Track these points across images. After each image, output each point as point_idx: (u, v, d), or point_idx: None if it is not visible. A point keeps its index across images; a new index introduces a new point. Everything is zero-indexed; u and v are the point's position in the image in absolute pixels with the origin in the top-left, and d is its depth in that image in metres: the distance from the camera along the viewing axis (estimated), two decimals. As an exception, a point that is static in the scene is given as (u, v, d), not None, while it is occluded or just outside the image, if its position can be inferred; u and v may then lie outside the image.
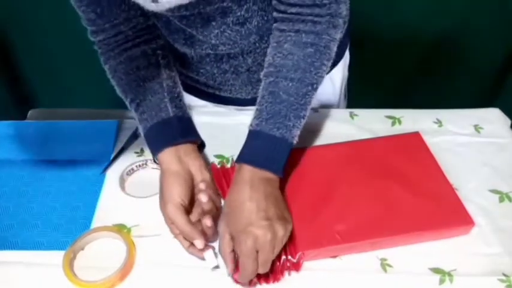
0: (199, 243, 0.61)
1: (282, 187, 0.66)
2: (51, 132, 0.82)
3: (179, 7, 0.63)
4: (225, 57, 0.75)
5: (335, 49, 0.66)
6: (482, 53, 1.31)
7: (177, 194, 0.63)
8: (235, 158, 0.75)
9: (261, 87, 0.66)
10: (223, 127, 0.84)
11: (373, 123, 0.84)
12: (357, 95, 1.06)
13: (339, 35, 0.66)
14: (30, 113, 0.90)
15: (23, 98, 1.43)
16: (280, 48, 0.65)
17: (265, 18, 0.69)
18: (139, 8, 0.67)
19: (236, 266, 0.59)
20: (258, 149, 0.63)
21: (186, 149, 0.68)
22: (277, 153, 0.63)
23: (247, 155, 0.63)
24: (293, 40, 0.64)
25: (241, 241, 0.57)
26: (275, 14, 0.66)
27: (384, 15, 1.21)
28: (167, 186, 0.64)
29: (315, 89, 0.65)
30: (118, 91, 0.73)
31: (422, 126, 0.82)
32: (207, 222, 0.62)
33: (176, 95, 0.72)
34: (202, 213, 0.64)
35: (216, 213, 0.65)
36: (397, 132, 0.79)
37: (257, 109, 0.65)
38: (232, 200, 0.61)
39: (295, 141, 0.64)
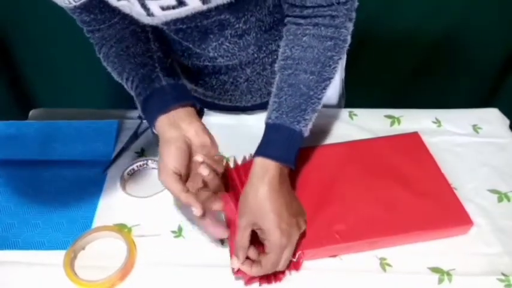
0: (196, 210, 0.59)
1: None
2: (52, 132, 0.83)
3: (175, 20, 0.62)
4: (224, 69, 0.75)
5: (349, 42, 0.65)
6: (481, 53, 1.31)
7: (170, 162, 0.60)
8: (235, 157, 0.76)
9: (277, 80, 0.65)
10: (224, 127, 0.84)
11: (372, 122, 0.84)
12: (357, 95, 1.06)
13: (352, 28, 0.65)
14: (31, 113, 0.90)
15: (23, 98, 1.43)
16: (299, 41, 0.63)
17: (263, 28, 0.69)
18: None
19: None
20: (280, 143, 0.61)
21: (180, 114, 0.64)
22: (296, 148, 0.62)
23: (270, 150, 0.61)
24: (312, 33, 0.62)
25: (275, 238, 0.57)
26: (288, 17, 0.65)
27: (383, 15, 1.21)
28: (162, 155, 0.61)
29: (330, 83, 0.65)
30: (115, 76, 0.70)
31: (421, 126, 0.82)
32: (204, 171, 0.61)
33: (168, 65, 0.69)
34: (202, 184, 0.62)
35: (216, 182, 0.62)
36: (396, 131, 0.80)
37: (275, 101, 0.63)
38: (258, 195, 0.59)
39: (307, 135, 0.64)
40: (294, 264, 0.62)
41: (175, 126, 0.63)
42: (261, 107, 0.85)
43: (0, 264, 0.63)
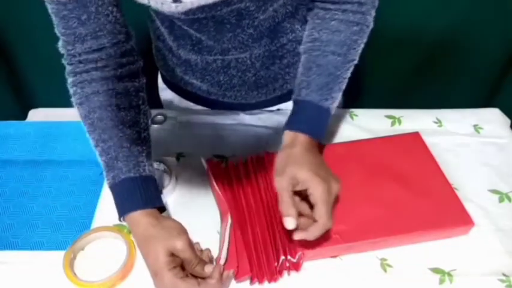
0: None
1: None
2: (52, 132, 0.83)
3: (196, 9, 0.61)
4: (233, 62, 0.75)
5: (372, 27, 0.69)
6: (482, 52, 1.31)
7: (168, 261, 0.57)
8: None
9: (304, 60, 0.68)
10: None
11: (372, 123, 0.84)
12: (357, 95, 1.05)
13: None
14: (30, 113, 0.90)
15: (23, 98, 1.43)
16: (327, 24, 0.67)
17: (276, 20, 0.69)
18: (124, 25, 0.65)
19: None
20: (310, 119, 0.66)
21: (157, 213, 0.63)
22: (324, 123, 0.67)
23: (301, 124, 0.65)
24: (340, 18, 0.66)
25: (318, 183, 0.57)
26: (316, 2, 0.68)
27: (383, 14, 1.21)
28: (154, 253, 0.58)
29: (353, 65, 0.68)
30: (82, 119, 0.65)
31: (422, 126, 0.82)
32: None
33: (150, 151, 0.66)
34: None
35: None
36: (396, 132, 0.79)
37: (303, 80, 0.67)
38: (292, 155, 0.62)
39: (333, 112, 0.68)
40: (294, 265, 0.62)
41: (159, 221, 0.60)
42: (265, 104, 0.85)
43: (0, 264, 0.63)
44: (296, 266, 0.62)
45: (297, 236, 0.57)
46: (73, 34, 0.62)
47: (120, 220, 0.63)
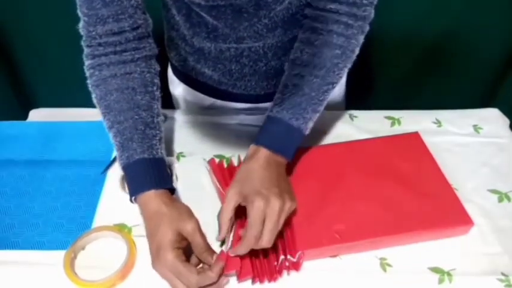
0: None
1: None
2: (52, 132, 0.83)
3: None
4: (246, 51, 0.75)
5: (357, 53, 0.68)
6: (481, 53, 1.31)
7: (175, 240, 0.59)
8: (235, 157, 0.76)
9: (284, 77, 0.69)
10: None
11: (372, 124, 0.84)
12: (357, 96, 1.06)
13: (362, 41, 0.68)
14: (31, 113, 0.90)
15: (24, 98, 1.43)
16: (311, 45, 0.67)
17: (290, 11, 0.70)
18: (144, 12, 0.66)
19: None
20: (276, 135, 0.66)
21: (169, 194, 0.64)
22: (292, 141, 0.67)
23: (266, 139, 0.66)
24: (324, 39, 0.66)
25: (253, 201, 0.58)
26: (309, 10, 0.68)
27: (382, 16, 1.21)
28: (163, 229, 0.59)
29: (333, 88, 0.69)
30: (97, 101, 0.67)
31: (422, 127, 0.82)
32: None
33: (162, 137, 0.68)
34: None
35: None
36: (396, 132, 0.80)
37: (278, 97, 0.68)
38: (247, 169, 0.63)
39: (307, 132, 0.68)
40: (293, 265, 0.62)
41: (169, 203, 0.62)
42: (273, 96, 0.85)
43: (0, 264, 0.64)
44: (296, 266, 0.62)
45: (231, 253, 0.60)
46: (95, 15, 0.63)
47: (131, 200, 0.64)
